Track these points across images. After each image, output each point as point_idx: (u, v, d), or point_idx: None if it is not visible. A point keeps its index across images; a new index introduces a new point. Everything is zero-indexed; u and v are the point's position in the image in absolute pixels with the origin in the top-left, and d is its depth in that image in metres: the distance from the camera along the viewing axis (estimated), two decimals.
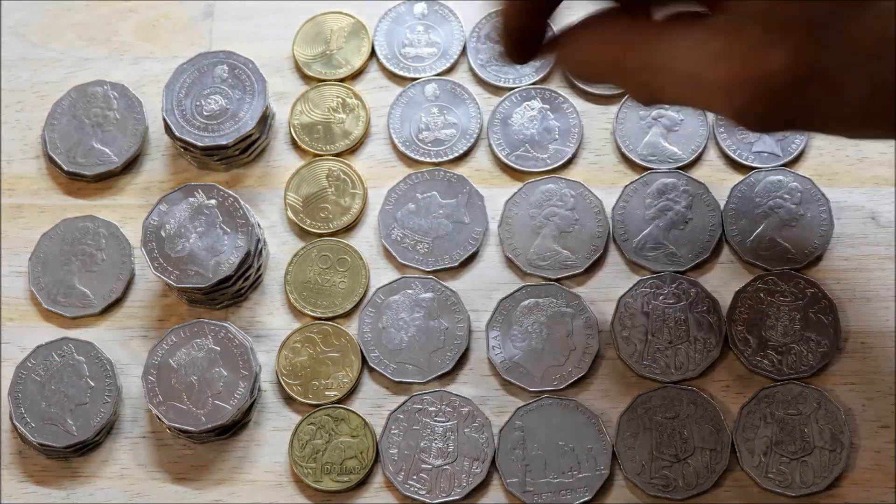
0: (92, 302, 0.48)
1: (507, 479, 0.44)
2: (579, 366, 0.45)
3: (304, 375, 0.46)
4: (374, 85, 0.51)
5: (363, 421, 0.45)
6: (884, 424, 0.44)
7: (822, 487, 0.43)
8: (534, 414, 0.45)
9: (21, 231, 0.50)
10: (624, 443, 0.44)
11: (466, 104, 0.50)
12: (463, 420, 0.45)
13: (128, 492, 0.45)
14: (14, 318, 0.48)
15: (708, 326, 0.46)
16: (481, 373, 0.46)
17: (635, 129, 0.49)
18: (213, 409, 0.44)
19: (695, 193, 0.48)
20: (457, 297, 0.47)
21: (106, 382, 0.46)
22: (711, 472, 0.43)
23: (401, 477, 0.44)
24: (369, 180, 0.49)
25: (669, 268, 0.47)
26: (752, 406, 0.44)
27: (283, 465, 0.45)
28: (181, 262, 0.45)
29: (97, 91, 0.51)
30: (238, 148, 0.49)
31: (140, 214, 0.49)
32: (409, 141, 0.50)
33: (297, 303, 0.47)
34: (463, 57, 0.52)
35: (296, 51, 0.52)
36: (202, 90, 0.49)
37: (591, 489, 0.44)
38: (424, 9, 0.52)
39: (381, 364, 0.46)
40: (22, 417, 0.45)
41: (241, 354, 0.45)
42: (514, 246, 0.48)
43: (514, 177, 0.49)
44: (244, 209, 0.46)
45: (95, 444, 0.46)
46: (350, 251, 0.48)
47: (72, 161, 0.50)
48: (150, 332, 0.48)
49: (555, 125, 0.50)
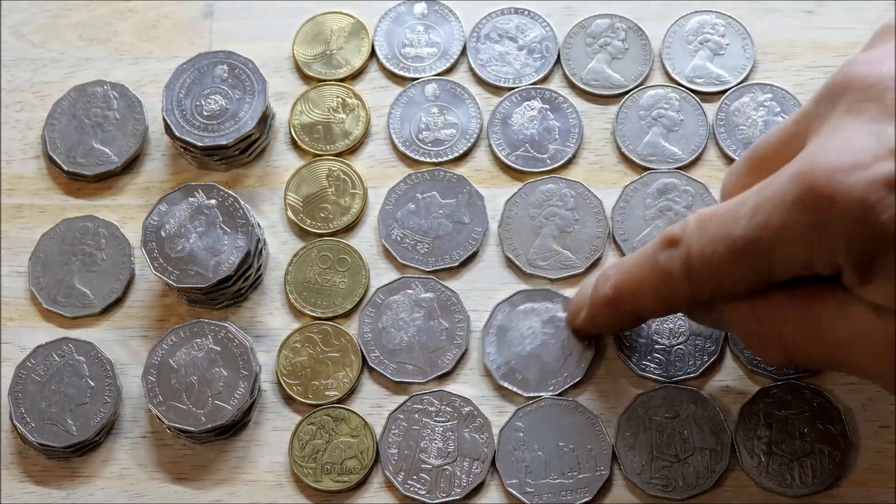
0: (92, 302, 0.48)
1: (507, 480, 0.44)
2: (576, 371, 0.45)
3: (304, 375, 0.46)
4: (374, 85, 0.51)
5: (363, 421, 0.45)
6: (884, 424, 0.44)
7: (822, 487, 0.43)
8: (534, 414, 0.45)
9: (21, 231, 0.50)
10: (624, 443, 0.44)
11: (466, 104, 0.50)
12: (463, 420, 0.45)
13: (128, 492, 0.45)
14: (14, 318, 0.48)
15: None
16: (481, 373, 0.46)
17: (635, 129, 0.49)
18: (213, 409, 0.44)
19: (695, 193, 0.48)
20: (457, 297, 0.47)
21: (106, 382, 0.46)
22: (711, 472, 0.43)
23: (401, 477, 0.44)
24: (369, 180, 0.49)
25: None
26: (752, 406, 0.44)
27: (283, 465, 0.45)
28: (181, 262, 0.45)
29: (97, 91, 0.51)
30: (238, 148, 0.49)
31: (140, 214, 0.49)
32: (409, 141, 0.50)
33: (297, 303, 0.47)
34: (463, 57, 0.52)
35: (296, 51, 0.52)
36: (202, 90, 0.49)
37: (591, 489, 0.44)
38: (424, 9, 0.52)
39: (381, 364, 0.46)
40: (22, 417, 0.45)
41: (241, 354, 0.45)
42: (514, 246, 0.48)
43: (514, 177, 0.49)
44: (244, 209, 0.46)
45: (95, 444, 0.46)
46: (350, 251, 0.48)
47: (72, 161, 0.50)
48: (150, 332, 0.48)
49: (555, 125, 0.50)
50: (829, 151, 0.33)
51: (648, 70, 0.51)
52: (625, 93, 0.50)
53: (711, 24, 0.51)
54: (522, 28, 0.52)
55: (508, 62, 0.51)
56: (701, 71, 0.50)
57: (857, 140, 0.33)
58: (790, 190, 0.33)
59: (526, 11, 0.52)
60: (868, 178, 0.32)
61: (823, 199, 0.32)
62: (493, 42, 0.51)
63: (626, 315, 0.42)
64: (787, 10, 0.52)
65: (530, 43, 0.51)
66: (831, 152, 0.33)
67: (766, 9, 0.52)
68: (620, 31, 0.51)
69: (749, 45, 0.51)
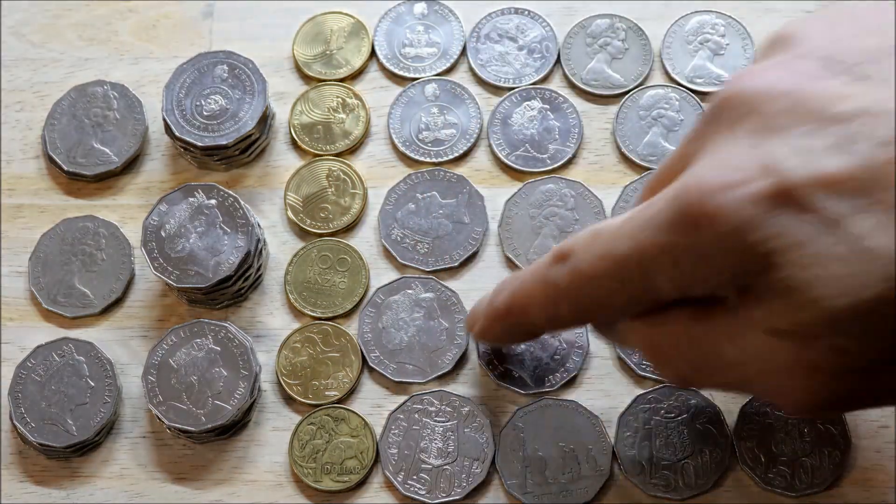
0: (92, 302, 0.48)
1: (507, 480, 0.44)
2: (571, 366, 0.45)
3: (304, 375, 0.46)
4: (374, 85, 0.51)
5: (363, 421, 0.45)
6: (884, 424, 0.44)
7: (822, 487, 0.43)
8: (534, 415, 0.45)
9: (21, 231, 0.50)
10: (624, 443, 0.44)
11: (466, 104, 0.50)
12: (463, 420, 0.45)
13: (128, 492, 0.45)
14: (14, 318, 0.48)
15: None
16: (481, 373, 0.46)
17: (635, 129, 0.49)
18: (213, 409, 0.44)
19: None
20: (457, 297, 0.47)
21: (106, 382, 0.46)
22: (711, 472, 0.43)
23: (401, 477, 0.44)
24: (369, 180, 0.49)
25: None
26: (752, 406, 0.44)
27: (283, 465, 0.45)
28: (181, 262, 0.45)
29: (97, 91, 0.51)
30: (238, 148, 0.49)
31: (140, 214, 0.49)
32: (409, 141, 0.50)
33: (297, 303, 0.47)
34: (463, 57, 0.52)
35: (296, 51, 0.52)
36: (202, 90, 0.49)
37: (591, 489, 0.44)
38: (424, 9, 0.52)
39: (381, 364, 0.46)
40: (22, 417, 0.45)
41: (241, 354, 0.45)
42: (514, 246, 0.48)
43: (514, 177, 0.49)
44: (244, 209, 0.46)
45: (95, 444, 0.46)
46: (350, 251, 0.48)
47: (72, 161, 0.50)
48: (150, 332, 0.48)
49: (555, 125, 0.50)
50: (706, 170, 0.32)
51: (648, 70, 0.51)
52: (625, 93, 0.50)
53: (711, 24, 0.51)
54: (522, 28, 0.52)
55: (508, 62, 0.51)
56: (701, 71, 0.50)
57: (734, 158, 0.32)
58: (665, 210, 0.32)
59: (526, 11, 0.52)
60: (740, 197, 0.31)
61: (698, 219, 0.31)
62: (493, 42, 0.51)
63: (518, 328, 0.40)
64: (787, 10, 0.52)
65: (530, 43, 0.51)
66: (708, 171, 0.32)
67: (766, 9, 0.52)
68: (620, 31, 0.51)
69: (749, 45, 0.51)
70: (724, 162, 0.32)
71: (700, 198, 0.32)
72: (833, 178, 0.30)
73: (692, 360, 0.35)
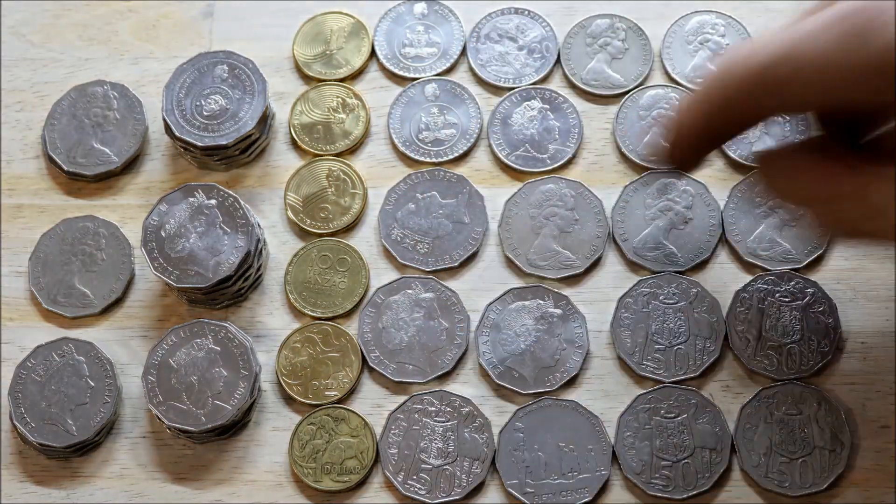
0: (92, 302, 0.48)
1: (506, 480, 0.44)
2: (571, 366, 0.45)
3: (304, 375, 0.46)
4: (374, 85, 0.51)
5: (363, 421, 0.45)
6: (884, 424, 0.44)
7: (822, 488, 0.43)
8: (534, 415, 0.45)
9: (21, 231, 0.50)
10: (624, 443, 0.44)
11: (466, 104, 0.50)
12: (463, 420, 0.45)
13: (128, 492, 0.45)
14: (14, 318, 0.48)
15: (708, 326, 0.46)
16: (481, 373, 0.46)
17: (635, 129, 0.49)
18: (213, 409, 0.44)
19: (695, 193, 0.48)
20: (457, 297, 0.47)
21: (106, 382, 0.46)
22: (711, 472, 0.43)
23: (401, 477, 0.44)
24: (369, 180, 0.49)
25: (669, 268, 0.47)
26: (752, 406, 0.44)
27: (283, 465, 0.45)
28: (181, 262, 0.45)
29: (97, 91, 0.51)
30: (238, 148, 0.49)
31: (140, 214, 0.49)
32: (409, 141, 0.50)
33: (297, 303, 0.47)
34: (463, 57, 0.52)
35: (296, 51, 0.52)
36: (202, 90, 0.49)
37: (591, 490, 0.44)
38: (424, 9, 0.52)
39: (381, 364, 0.46)
40: (22, 417, 0.45)
41: (241, 354, 0.45)
42: (514, 246, 0.48)
43: (514, 177, 0.49)
44: (244, 209, 0.46)
45: (95, 444, 0.46)
46: (350, 251, 0.48)
47: (72, 161, 0.50)
48: (150, 332, 0.48)
49: (555, 125, 0.50)
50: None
51: (648, 70, 0.51)
52: (625, 93, 0.50)
53: (711, 24, 0.51)
54: (522, 28, 0.52)
55: (508, 62, 0.51)
56: (701, 71, 0.50)
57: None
58: (835, 21, 0.34)
59: (526, 11, 0.52)
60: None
61: (866, 33, 0.33)
62: (493, 42, 0.51)
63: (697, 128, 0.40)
64: (787, 10, 0.51)
65: (530, 43, 0.51)
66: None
67: (766, 9, 0.52)
68: (620, 31, 0.51)
69: None
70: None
71: (865, 10, 0.33)
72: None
73: (850, 191, 0.36)
